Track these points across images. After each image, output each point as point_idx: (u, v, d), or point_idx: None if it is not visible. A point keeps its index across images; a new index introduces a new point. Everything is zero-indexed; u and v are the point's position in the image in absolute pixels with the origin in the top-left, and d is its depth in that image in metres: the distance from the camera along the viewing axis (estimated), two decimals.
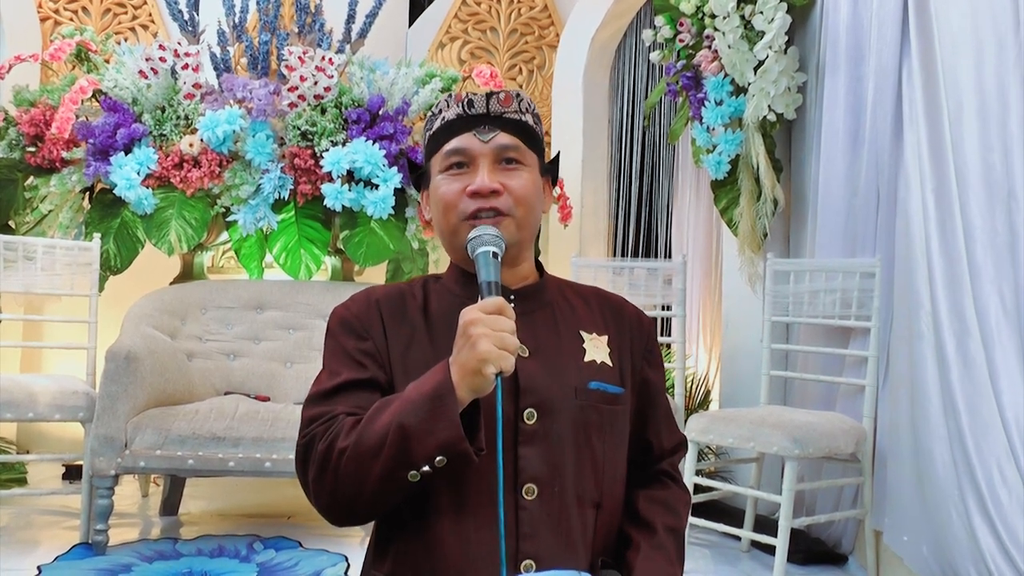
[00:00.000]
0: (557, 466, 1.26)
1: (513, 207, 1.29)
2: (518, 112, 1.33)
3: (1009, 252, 2.63)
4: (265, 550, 3.33)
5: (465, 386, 1.15)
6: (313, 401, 1.28)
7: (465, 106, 1.32)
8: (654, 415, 1.42)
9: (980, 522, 2.51)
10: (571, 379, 1.30)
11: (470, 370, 1.14)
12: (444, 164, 1.32)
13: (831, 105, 3.56)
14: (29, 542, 3.40)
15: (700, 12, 3.86)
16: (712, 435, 3.23)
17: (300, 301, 4.01)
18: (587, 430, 1.29)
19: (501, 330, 1.14)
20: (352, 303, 1.36)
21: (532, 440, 1.26)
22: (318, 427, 1.23)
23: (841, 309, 3.43)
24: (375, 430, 1.17)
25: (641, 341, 1.42)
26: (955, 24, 2.86)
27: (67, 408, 3.39)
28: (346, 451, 1.18)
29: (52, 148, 3.87)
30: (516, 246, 1.32)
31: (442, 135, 1.33)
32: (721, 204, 4.00)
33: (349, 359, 1.30)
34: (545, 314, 1.36)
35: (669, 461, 1.45)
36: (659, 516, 1.37)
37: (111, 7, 5.31)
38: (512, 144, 1.31)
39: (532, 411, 1.26)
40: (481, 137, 1.30)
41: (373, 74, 4.07)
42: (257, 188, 3.89)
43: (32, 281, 3.74)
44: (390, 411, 1.18)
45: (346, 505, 1.22)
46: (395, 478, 1.16)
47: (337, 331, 1.34)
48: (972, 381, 2.62)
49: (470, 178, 1.30)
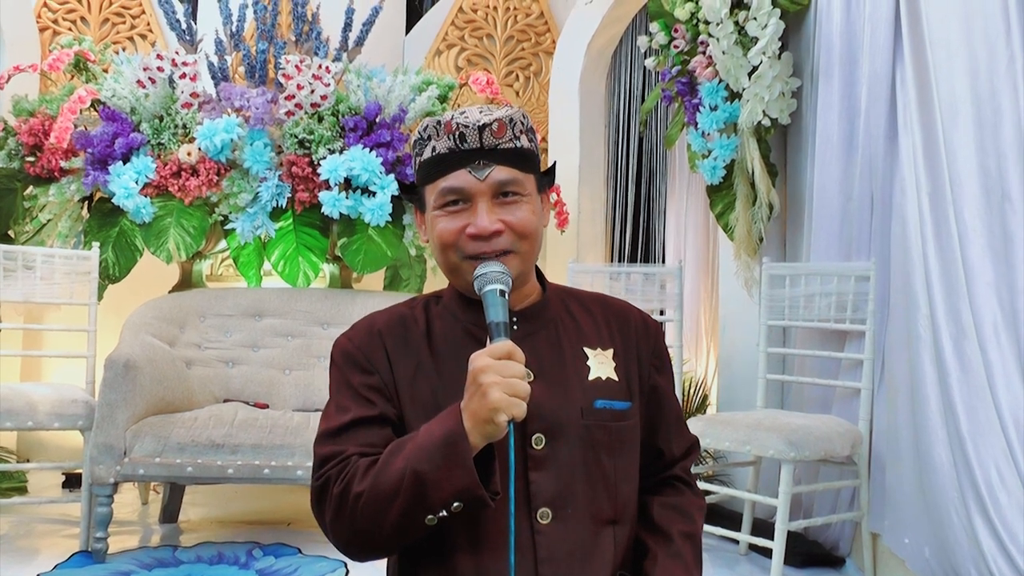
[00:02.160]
0: (569, 488, 1.26)
1: (516, 243, 1.27)
2: (512, 139, 1.27)
3: (1005, 255, 2.65)
4: (264, 557, 3.34)
5: (477, 433, 1.15)
6: (324, 439, 1.28)
7: (457, 140, 1.25)
8: (664, 421, 1.42)
9: (980, 524, 2.52)
10: (577, 399, 1.30)
11: (482, 419, 1.13)
12: (439, 202, 1.28)
13: (825, 110, 3.58)
14: (29, 550, 3.40)
15: (694, 18, 3.87)
16: (709, 439, 3.24)
17: (298, 308, 4.02)
18: (596, 449, 1.29)
19: (512, 375, 1.13)
20: (355, 334, 1.35)
21: (542, 465, 1.26)
22: (331, 469, 1.23)
23: (836, 312, 3.45)
24: (390, 475, 1.17)
25: (648, 347, 1.40)
26: (947, 30, 2.88)
27: (66, 416, 3.40)
28: (362, 496, 1.18)
29: (51, 158, 3.88)
30: (521, 276, 1.30)
31: (434, 168, 1.28)
32: (717, 209, 4.02)
33: (356, 395, 1.29)
34: (548, 333, 1.35)
35: (681, 466, 1.44)
36: (674, 523, 1.37)
37: (109, 17, 5.33)
38: (509, 178, 1.26)
39: (540, 436, 1.26)
40: (476, 174, 1.25)
41: (370, 82, 4.08)
42: (255, 196, 3.90)
43: (31, 290, 3.76)
44: (403, 456, 1.18)
45: (364, 544, 1.23)
46: (413, 522, 1.17)
47: (342, 364, 1.32)
48: (970, 383, 2.64)
49: (468, 216, 1.26)
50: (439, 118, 1.29)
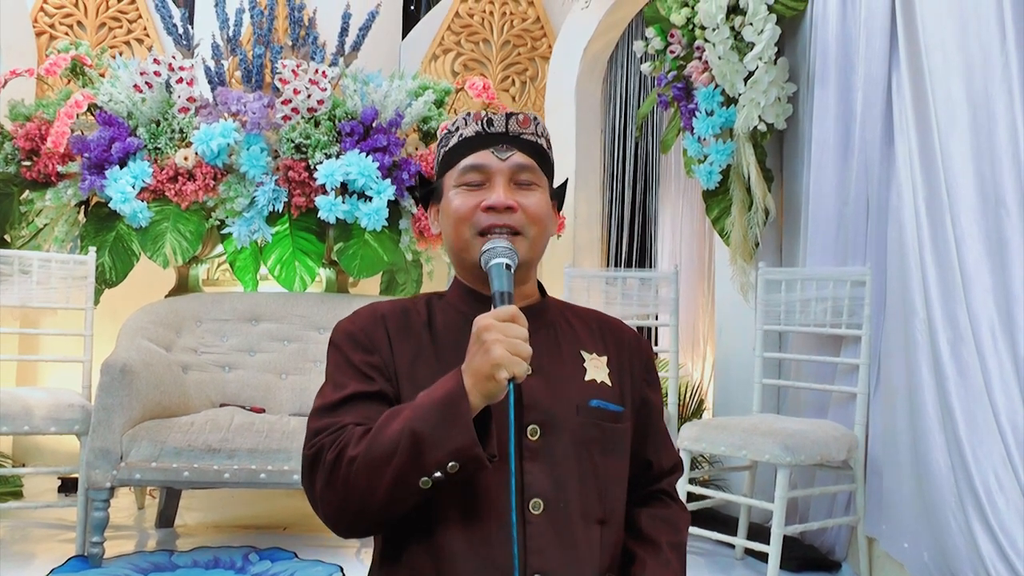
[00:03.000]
0: (561, 482, 1.28)
1: (527, 225, 1.32)
2: (535, 135, 1.37)
3: (1001, 259, 2.66)
4: (261, 561, 3.34)
5: (478, 392, 1.16)
6: (319, 413, 1.28)
7: (484, 124, 1.34)
8: (653, 435, 1.45)
9: (979, 528, 2.53)
10: (573, 397, 1.32)
11: (483, 375, 1.15)
12: (460, 180, 1.34)
13: (821, 115, 3.59)
14: (25, 555, 3.40)
15: (690, 24, 3.89)
16: (705, 443, 3.25)
17: (295, 313, 4.03)
18: (589, 447, 1.31)
19: (514, 336, 1.15)
20: (357, 317, 1.37)
21: (536, 456, 1.27)
22: (325, 437, 1.23)
23: (832, 317, 3.46)
24: (387, 436, 1.17)
25: (641, 362, 1.44)
26: (942, 35, 2.89)
27: (63, 421, 3.39)
28: (356, 459, 1.18)
29: (47, 162, 3.88)
30: (526, 264, 1.34)
31: (459, 151, 1.35)
32: (713, 214, 4.03)
33: (356, 371, 1.30)
34: (548, 333, 1.38)
35: (668, 481, 1.47)
36: (663, 533, 1.39)
37: (106, 21, 5.34)
38: (528, 164, 1.35)
39: (535, 427, 1.28)
40: (499, 155, 1.33)
41: (366, 87, 4.09)
42: (252, 201, 3.91)
43: (28, 295, 3.75)
44: (401, 418, 1.18)
45: (354, 514, 1.22)
46: (407, 485, 1.17)
47: (343, 344, 1.34)
48: (968, 388, 2.65)
49: (485, 194, 1.32)
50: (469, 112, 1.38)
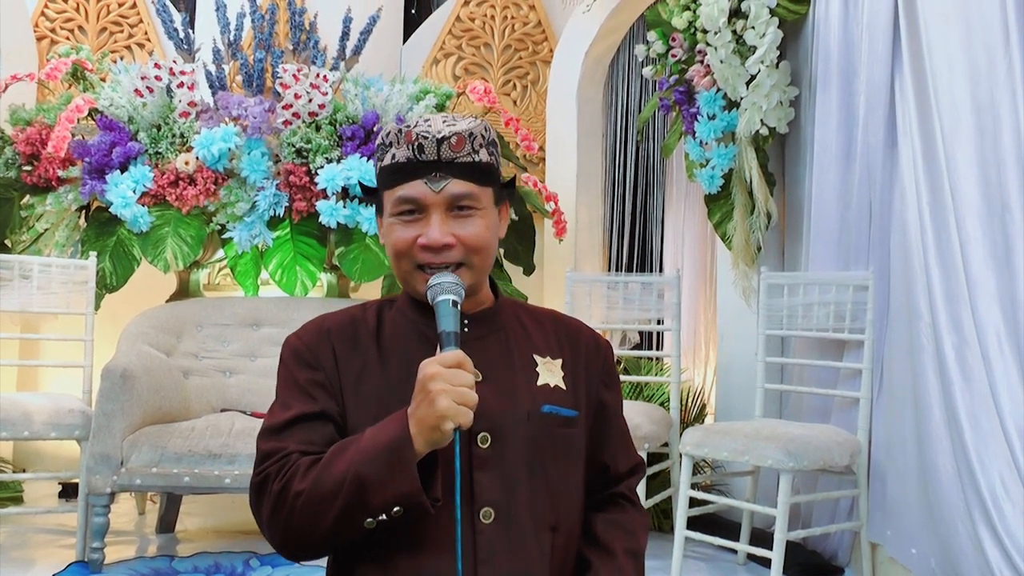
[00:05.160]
0: (512, 490, 1.27)
1: (467, 256, 1.29)
2: (470, 153, 1.28)
3: (1006, 263, 2.65)
4: (261, 567, 3.32)
5: (423, 440, 1.16)
6: (266, 435, 1.28)
7: (415, 151, 1.26)
8: (610, 437, 1.43)
9: (986, 534, 2.52)
10: (524, 403, 1.31)
11: (428, 426, 1.15)
12: (395, 209, 1.29)
13: (823, 119, 3.58)
14: (25, 561, 3.39)
15: (692, 27, 3.88)
16: (707, 448, 3.23)
17: (296, 318, 4.01)
18: (541, 454, 1.30)
19: (460, 384, 1.15)
20: (304, 332, 1.36)
21: (486, 465, 1.26)
22: (271, 466, 1.24)
23: (835, 322, 3.44)
24: (331, 476, 1.18)
25: (598, 363, 1.42)
26: (946, 38, 2.88)
27: (63, 426, 3.38)
28: (302, 495, 1.19)
29: (48, 167, 3.88)
30: (473, 287, 1.32)
31: (392, 176, 1.29)
32: (715, 218, 4.02)
33: (300, 391, 1.30)
34: (498, 338, 1.36)
35: (626, 483, 1.45)
36: (618, 540, 1.37)
37: (107, 26, 5.33)
38: (464, 192, 1.28)
39: (486, 435, 1.27)
40: (432, 186, 1.26)
41: (367, 91, 4.08)
42: (252, 205, 3.90)
43: (28, 300, 3.75)
44: (347, 457, 1.19)
45: (300, 543, 1.23)
46: (351, 523, 1.18)
47: (289, 361, 1.34)
48: (973, 392, 2.64)
49: (422, 226, 1.28)
50: (400, 126, 1.30)
